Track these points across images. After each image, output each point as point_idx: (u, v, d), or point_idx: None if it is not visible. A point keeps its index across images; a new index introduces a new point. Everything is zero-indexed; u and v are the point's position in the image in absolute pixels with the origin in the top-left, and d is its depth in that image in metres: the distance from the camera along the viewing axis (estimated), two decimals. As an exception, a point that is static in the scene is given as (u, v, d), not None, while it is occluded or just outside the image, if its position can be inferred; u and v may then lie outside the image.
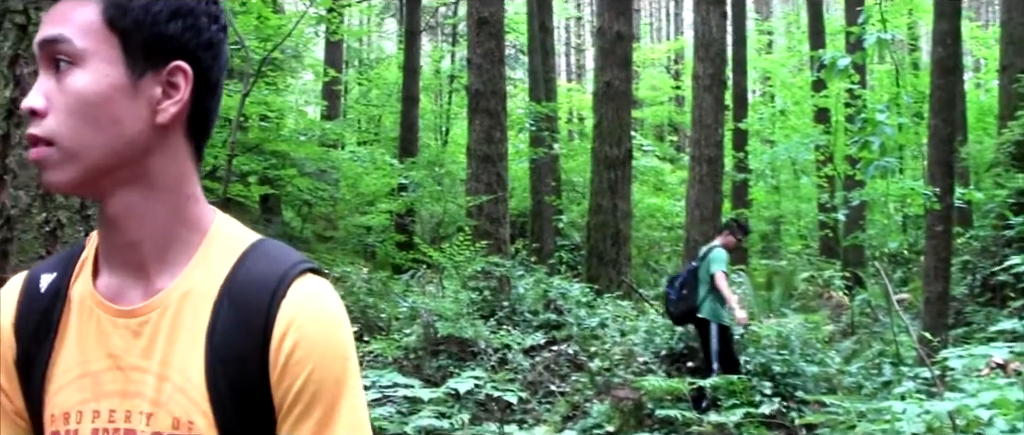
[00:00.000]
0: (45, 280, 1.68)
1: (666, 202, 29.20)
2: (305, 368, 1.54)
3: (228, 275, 1.60)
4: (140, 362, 1.57)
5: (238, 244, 1.64)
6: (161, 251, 1.60)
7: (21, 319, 1.67)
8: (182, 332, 1.57)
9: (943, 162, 13.89)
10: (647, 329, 13.97)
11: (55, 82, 1.52)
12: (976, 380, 8.31)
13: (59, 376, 1.62)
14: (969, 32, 33.46)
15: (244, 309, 1.57)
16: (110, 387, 1.58)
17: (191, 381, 1.55)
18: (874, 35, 11.86)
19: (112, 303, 1.61)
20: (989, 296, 16.90)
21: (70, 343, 1.63)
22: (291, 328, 1.55)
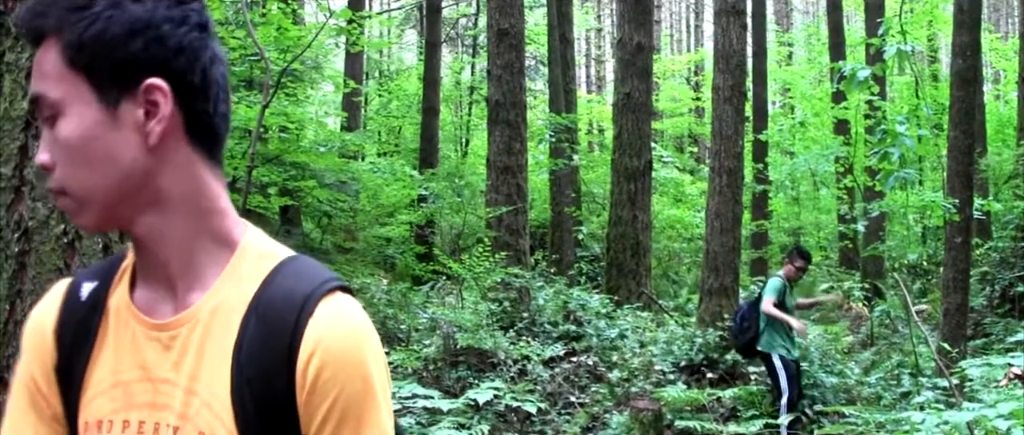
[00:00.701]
0: (86, 288, 1.70)
1: (686, 213, 29.18)
2: (333, 390, 1.54)
3: (257, 291, 1.59)
4: (170, 375, 1.58)
5: (269, 259, 1.63)
6: (189, 267, 1.61)
7: (62, 326, 1.69)
8: (210, 347, 1.58)
9: (962, 174, 13.88)
10: (666, 340, 13.97)
11: (50, 134, 1.56)
12: (994, 391, 8.31)
13: (94, 384, 1.64)
14: (989, 44, 33.43)
15: (271, 326, 1.56)
16: (140, 398, 1.60)
17: (217, 397, 1.55)
18: (894, 47, 11.85)
19: (146, 316, 1.62)
20: (1008, 307, 16.86)
21: (106, 353, 1.65)
22: (318, 349, 1.53)
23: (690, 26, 60.14)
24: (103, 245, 3.36)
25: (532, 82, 33.34)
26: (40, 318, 1.73)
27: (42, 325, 1.72)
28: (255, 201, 14.34)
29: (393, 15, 40.61)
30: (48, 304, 1.74)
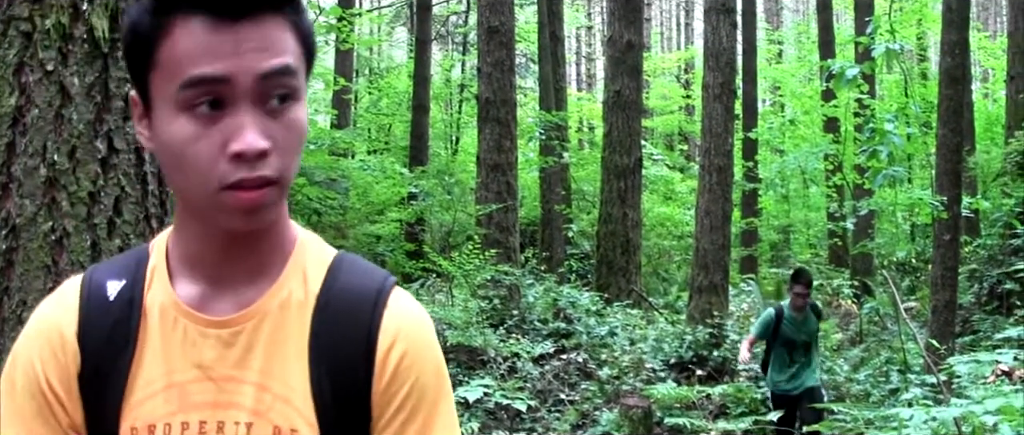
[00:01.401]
0: (112, 287, 1.60)
1: (676, 211, 29.22)
2: (411, 377, 1.57)
3: (323, 286, 1.60)
4: (234, 372, 1.55)
5: (324, 255, 1.64)
6: (262, 262, 1.58)
7: (88, 329, 1.57)
8: (281, 342, 1.56)
9: (951, 171, 13.93)
10: (656, 337, 14.01)
11: (269, 118, 1.44)
12: (982, 387, 8.34)
13: (140, 388, 1.55)
14: (977, 42, 33.48)
15: (346, 319, 1.57)
16: (199, 398, 1.54)
17: (295, 390, 1.54)
18: (883, 45, 11.89)
19: (200, 313, 1.56)
20: (996, 304, 16.91)
21: (151, 354, 1.56)
22: (398, 338, 1.57)
23: (680, 24, 60.21)
24: (91, 242, 3.36)
25: (522, 80, 33.37)
26: (53, 320, 1.59)
27: (58, 328, 1.58)
28: (245, 199, 14.33)
29: (383, 12, 40.56)
30: (60, 305, 1.61)
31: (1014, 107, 19.62)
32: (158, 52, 1.44)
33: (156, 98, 1.46)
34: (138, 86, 1.51)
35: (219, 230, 1.52)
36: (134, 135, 3.43)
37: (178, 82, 1.41)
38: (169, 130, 1.44)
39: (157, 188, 3.55)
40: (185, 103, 1.42)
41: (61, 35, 3.32)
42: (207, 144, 1.42)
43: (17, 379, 1.58)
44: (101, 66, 3.36)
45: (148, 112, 1.50)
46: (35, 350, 1.58)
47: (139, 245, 1.70)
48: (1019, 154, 18.69)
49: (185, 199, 1.52)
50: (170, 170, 1.49)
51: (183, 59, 1.41)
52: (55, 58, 3.31)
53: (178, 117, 1.43)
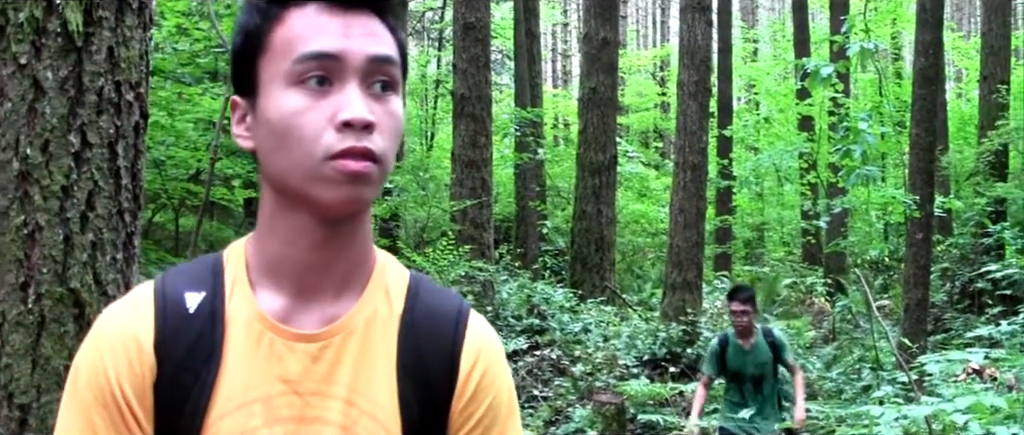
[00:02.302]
0: (192, 299, 1.57)
1: (650, 208, 29.24)
2: (489, 396, 1.62)
3: (406, 305, 1.62)
4: (321, 387, 1.54)
5: (403, 274, 1.67)
6: (348, 275, 1.59)
7: (167, 340, 1.55)
8: (368, 358, 1.57)
9: (924, 171, 14.01)
10: (630, 334, 14.04)
11: (374, 101, 1.49)
12: (953, 385, 8.40)
13: (222, 402, 1.52)
14: (951, 43, 33.63)
15: (431, 338, 1.61)
16: (284, 412, 1.52)
17: (382, 407, 1.55)
18: (857, 45, 11.95)
19: (286, 326, 1.55)
20: (968, 303, 17.03)
21: (234, 367, 1.54)
22: (479, 358, 1.62)
23: (656, 21, 60.22)
24: (64, 236, 3.35)
25: (498, 76, 33.31)
26: (128, 329, 1.55)
27: (134, 337, 1.54)
28: (219, 193, 14.27)
29: (359, 8, 40.43)
30: (135, 314, 1.57)
31: (987, 107, 19.73)
32: (269, 37, 1.51)
33: (263, 82, 1.51)
34: (243, 83, 1.56)
35: (313, 224, 1.52)
36: (108, 129, 3.42)
37: (292, 58, 1.47)
38: (278, 105, 1.49)
39: (131, 183, 3.55)
40: (296, 77, 1.47)
41: (34, 29, 3.31)
42: (316, 115, 1.46)
43: (86, 389, 1.54)
44: (75, 60, 3.35)
45: (252, 102, 1.54)
46: (108, 358, 1.53)
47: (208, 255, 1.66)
48: (991, 154, 18.82)
49: (283, 183, 1.52)
50: (272, 152, 1.51)
51: (297, 38, 1.48)
52: (28, 52, 3.30)
53: (287, 91, 1.48)
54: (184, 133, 12.13)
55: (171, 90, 12.20)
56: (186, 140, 12.28)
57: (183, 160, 12.53)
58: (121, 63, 3.47)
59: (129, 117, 3.52)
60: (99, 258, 3.42)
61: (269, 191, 1.56)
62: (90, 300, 3.39)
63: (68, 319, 3.36)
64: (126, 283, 3.53)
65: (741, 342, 8.44)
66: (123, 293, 3.51)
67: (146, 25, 3.63)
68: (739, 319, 8.40)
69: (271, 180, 1.54)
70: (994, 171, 18.85)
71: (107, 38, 3.42)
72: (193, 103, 12.12)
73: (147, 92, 3.63)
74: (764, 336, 8.53)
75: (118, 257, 3.49)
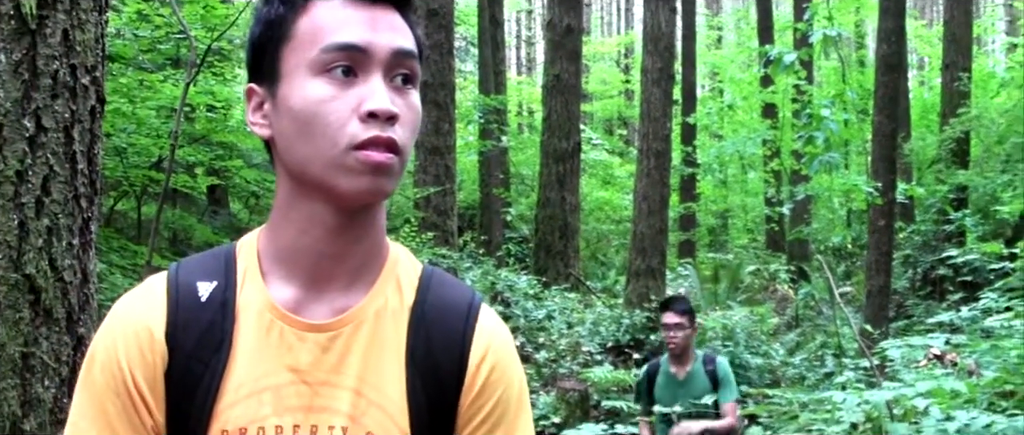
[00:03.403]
0: (204, 288, 1.59)
1: (615, 195, 29.30)
2: (498, 390, 1.63)
3: (417, 297, 1.64)
4: (330, 377, 1.55)
5: (415, 266, 1.68)
6: (361, 265, 1.60)
7: (178, 329, 1.56)
8: (377, 349, 1.59)
9: (886, 158, 14.08)
10: (594, 321, 14.06)
11: (395, 94, 1.52)
12: (914, 371, 8.45)
13: (232, 390, 1.54)
14: (914, 31, 33.87)
15: (441, 331, 1.62)
16: (293, 401, 1.54)
17: (390, 398, 1.57)
18: (820, 32, 12.00)
19: (297, 316, 1.57)
20: (929, 289, 17.15)
21: (244, 356, 1.55)
22: (489, 352, 1.63)
23: (620, 9, 60.32)
24: (19, 222, 3.31)
25: (462, 63, 33.24)
26: (140, 318, 1.57)
27: (147, 326, 1.56)
28: (182, 181, 14.16)
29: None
30: (147, 303, 1.59)
31: (949, 95, 19.86)
32: (294, 27, 1.53)
33: (287, 70, 1.53)
34: (262, 71, 1.57)
35: (329, 213, 1.54)
36: (63, 113, 3.39)
37: (318, 47, 1.50)
38: (303, 93, 1.50)
39: (87, 167, 3.51)
40: (322, 66, 1.49)
41: (-13, 11, 3.27)
42: (341, 104, 1.48)
43: (99, 377, 1.55)
44: (29, 43, 3.31)
45: (273, 90, 1.55)
46: (121, 348, 1.55)
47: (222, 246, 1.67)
48: (953, 141, 18.94)
49: (303, 171, 1.52)
50: (296, 139, 1.52)
51: (324, 28, 1.51)
52: (-19, 35, 3.27)
53: (313, 80, 1.50)
54: (146, 120, 12.04)
55: (132, 77, 12.11)
56: (148, 127, 12.19)
57: (145, 147, 12.43)
58: (76, 46, 3.43)
59: (85, 101, 3.49)
60: (55, 244, 3.39)
61: (286, 179, 1.57)
62: (45, 286, 3.36)
63: (24, 305, 3.33)
64: (83, 269, 3.51)
65: (674, 370, 6.80)
66: (79, 279, 3.49)
67: (102, 8, 3.59)
68: (672, 336, 6.76)
69: (289, 168, 1.55)
70: (956, 158, 18.98)
71: (62, 21, 3.39)
72: (154, 90, 12.02)
73: (103, 76, 3.60)
74: (704, 364, 6.82)
75: (74, 243, 3.46)
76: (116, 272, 10.04)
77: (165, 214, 13.62)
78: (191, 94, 10.95)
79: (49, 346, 3.36)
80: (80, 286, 3.49)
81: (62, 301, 3.41)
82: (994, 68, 29.69)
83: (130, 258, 10.93)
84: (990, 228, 16.60)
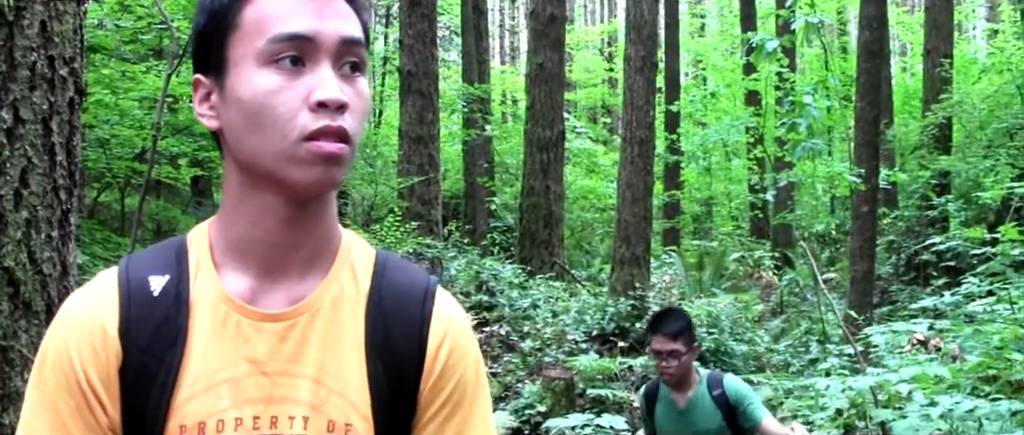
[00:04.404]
0: (156, 282, 1.57)
1: (599, 184, 29.31)
2: (457, 373, 1.63)
3: (372, 283, 1.64)
4: (288, 367, 1.55)
5: (368, 252, 1.68)
6: (314, 254, 1.60)
7: (131, 325, 1.54)
8: (336, 337, 1.58)
9: (869, 144, 14.11)
10: (579, 309, 14.06)
11: (344, 82, 1.51)
12: (898, 356, 8.48)
13: (189, 385, 1.52)
14: (895, 17, 33.84)
15: (399, 316, 1.62)
16: (252, 393, 1.53)
17: (350, 385, 1.57)
18: (802, 19, 12.01)
19: (252, 306, 1.56)
20: (913, 275, 17.19)
21: (200, 350, 1.53)
22: (447, 335, 1.63)
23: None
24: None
25: (445, 52, 33.26)
26: (92, 315, 1.55)
27: (99, 323, 1.53)
28: (165, 172, 14.15)
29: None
30: (99, 300, 1.56)
31: (931, 81, 19.89)
32: (239, 16, 1.51)
33: (234, 60, 1.51)
34: (207, 62, 1.55)
35: (280, 203, 1.53)
36: (41, 105, 3.37)
37: (265, 37, 1.48)
38: (251, 84, 1.49)
39: (66, 159, 3.50)
40: (270, 56, 1.48)
41: (-36, 2, 3.25)
42: (290, 95, 1.47)
43: (51, 375, 1.53)
44: (6, 34, 3.30)
45: (220, 81, 1.53)
46: (73, 345, 1.53)
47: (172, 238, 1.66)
48: (936, 127, 18.98)
49: (253, 163, 1.51)
50: (245, 131, 1.50)
51: (270, 17, 1.49)
52: (-43, 26, 3.25)
53: (260, 71, 1.48)
54: (128, 111, 12.01)
55: (114, 68, 12.07)
56: (131, 118, 12.16)
57: (128, 139, 12.40)
58: (54, 38, 3.42)
59: (63, 93, 3.47)
60: (34, 236, 3.37)
61: (236, 171, 1.56)
62: (25, 279, 3.35)
63: (2, 298, 3.32)
64: (62, 261, 3.49)
65: (674, 397, 5.62)
66: (58, 271, 3.48)
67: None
68: (665, 366, 5.46)
69: (239, 160, 1.54)
70: (938, 144, 19.02)
71: (40, 12, 3.37)
72: (137, 81, 11.99)
73: (82, 67, 3.58)
74: (709, 388, 5.57)
75: (53, 235, 3.45)
76: (100, 264, 10.00)
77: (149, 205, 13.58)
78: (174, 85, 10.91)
79: (28, 339, 3.35)
80: (60, 279, 3.47)
81: (41, 294, 3.40)
82: (975, 54, 29.73)
83: (113, 250, 10.89)
84: (973, 213, 16.65)
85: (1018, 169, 16.23)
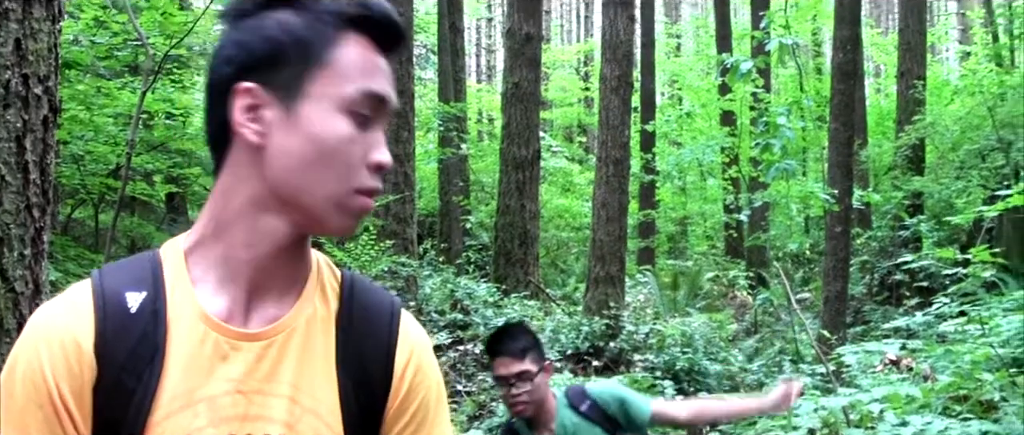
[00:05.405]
0: (132, 298, 1.55)
1: (574, 203, 29.33)
2: (421, 392, 1.70)
3: (343, 304, 1.67)
4: (264, 386, 1.56)
5: (336, 273, 1.72)
6: (293, 276, 1.64)
7: (107, 341, 1.51)
8: (310, 356, 1.61)
9: (842, 165, 14.18)
10: (553, 328, 14.06)
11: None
12: (871, 376, 8.52)
13: (166, 403, 1.51)
14: (870, 39, 34.06)
15: (368, 337, 1.67)
16: (229, 411, 1.53)
17: (324, 404, 1.60)
18: (776, 40, 12.07)
19: (230, 325, 1.57)
20: (886, 295, 17.26)
21: (177, 367, 1.52)
22: (412, 356, 1.70)
23: (580, 16, 60.36)
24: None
25: (421, 71, 33.24)
26: (65, 328, 1.51)
27: (73, 337, 1.51)
28: (140, 188, 14.10)
29: (282, 2, 40.15)
30: (72, 313, 1.53)
31: (904, 102, 20.04)
32: (330, 55, 1.56)
33: (313, 94, 1.55)
34: (273, 80, 1.55)
35: (287, 232, 1.58)
36: (15, 123, 3.37)
37: (356, 87, 1.55)
38: (330, 125, 1.54)
39: (39, 177, 3.49)
40: (351, 105, 1.55)
41: (-62, 19, 3.25)
42: (358, 148, 1.56)
43: (20, 387, 1.51)
44: (-20, 52, 3.29)
45: (288, 105, 1.55)
46: (45, 358, 1.50)
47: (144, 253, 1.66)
48: (909, 148, 19.10)
49: (295, 194, 1.55)
50: (305, 164, 1.54)
51: (360, 69, 1.57)
52: (-69, 43, 3.25)
53: (337, 116, 1.55)
54: (103, 128, 11.98)
55: (89, 84, 12.04)
56: (105, 134, 12.12)
57: (102, 155, 12.37)
58: (29, 56, 3.41)
59: (38, 111, 3.46)
60: (6, 254, 3.37)
61: (251, 190, 1.57)
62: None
63: (-26, 316, 3.30)
64: (35, 279, 3.49)
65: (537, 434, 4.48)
66: (31, 290, 3.47)
67: (55, 17, 3.57)
68: (516, 394, 4.33)
69: (274, 183, 1.55)
70: (911, 165, 19.15)
71: (14, 30, 3.37)
72: (112, 97, 11.95)
73: (57, 86, 3.58)
74: (573, 407, 4.50)
75: (26, 253, 3.44)
76: (73, 280, 9.95)
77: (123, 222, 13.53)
78: (149, 101, 10.89)
79: (0, 357, 3.34)
80: (32, 297, 3.47)
81: (13, 312, 3.39)
82: (948, 76, 29.97)
83: (87, 266, 10.84)
84: (945, 234, 16.74)
85: (989, 190, 16.32)
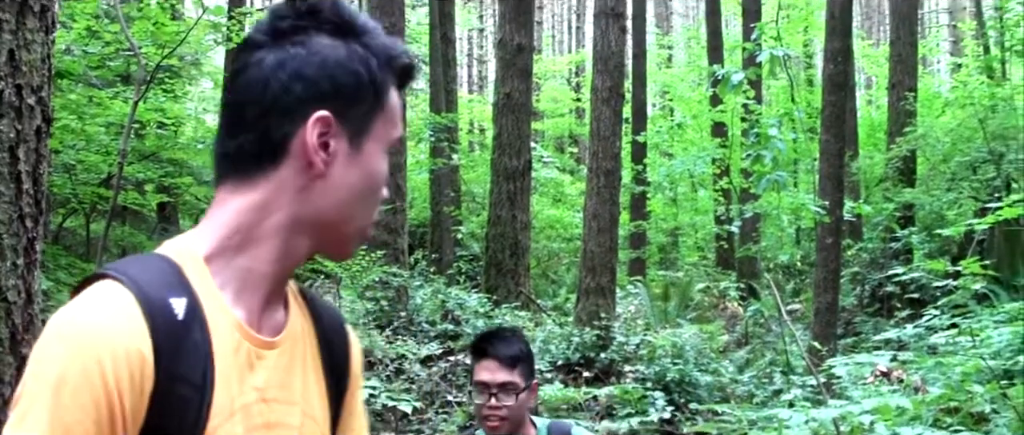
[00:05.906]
0: (177, 304, 1.47)
1: (565, 213, 29.34)
2: (360, 383, 1.85)
3: (312, 313, 1.76)
4: (280, 393, 1.60)
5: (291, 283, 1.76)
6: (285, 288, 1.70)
7: (163, 350, 1.43)
8: (305, 364, 1.68)
9: (833, 176, 14.18)
10: (544, 339, 14.06)
11: None
12: (861, 387, 8.53)
13: (215, 414, 1.47)
14: (861, 51, 34.18)
15: (336, 338, 1.78)
16: (258, 419, 1.54)
17: (316, 407, 1.68)
18: (767, 52, 12.09)
19: (257, 334, 1.58)
20: (877, 306, 17.28)
21: (221, 377, 1.49)
22: (357, 349, 1.84)
23: (572, 27, 60.45)
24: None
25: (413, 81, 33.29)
26: (127, 338, 1.41)
27: (137, 347, 1.41)
28: (131, 198, 14.11)
29: (273, 12, 40.14)
30: (126, 320, 1.42)
31: (895, 114, 20.09)
32: (388, 100, 1.66)
33: (375, 134, 1.65)
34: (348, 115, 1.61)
35: (307, 251, 1.64)
36: (9, 133, 3.37)
37: (396, 132, 1.68)
38: (380, 164, 1.66)
39: (32, 187, 3.49)
40: (389, 146, 1.68)
41: (-69, 29, 3.26)
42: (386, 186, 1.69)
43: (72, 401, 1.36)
44: (-27, 63, 3.29)
45: (356, 141, 1.63)
46: (108, 370, 1.37)
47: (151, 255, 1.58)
48: (900, 160, 19.15)
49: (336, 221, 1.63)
50: (357, 197, 1.63)
51: (398, 115, 1.68)
52: (-75, 53, 3.25)
53: (382, 157, 1.67)
54: (95, 137, 11.99)
55: (81, 93, 12.04)
56: (97, 144, 12.14)
57: (94, 164, 12.38)
58: (22, 66, 3.41)
59: (31, 121, 3.47)
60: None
61: (293, 210, 1.59)
62: (-11, 307, 3.34)
63: (-33, 326, 3.30)
64: (27, 289, 3.48)
65: None
66: (23, 299, 3.47)
67: (48, 28, 3.57)
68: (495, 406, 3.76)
69: (320, 209, 1.60)
70: (902, 177, 19.19)
71: (8, 41, 3.37)
72: (104, 107, 11.97)
73: (50, 96, 3.58)
74: None
75: (19, 263, 3.44)
76: (64, 290, 9.96)
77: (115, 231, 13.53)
78: (141, 111, 10.90)
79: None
80: (24, 306, 3.47)
81: (6, 321, 3.39)
82: (939, 88, 30.03)
83: (78, 275, 10.83)
84: (936, 246, 16.77)
85: (980, 202, 16.36)
